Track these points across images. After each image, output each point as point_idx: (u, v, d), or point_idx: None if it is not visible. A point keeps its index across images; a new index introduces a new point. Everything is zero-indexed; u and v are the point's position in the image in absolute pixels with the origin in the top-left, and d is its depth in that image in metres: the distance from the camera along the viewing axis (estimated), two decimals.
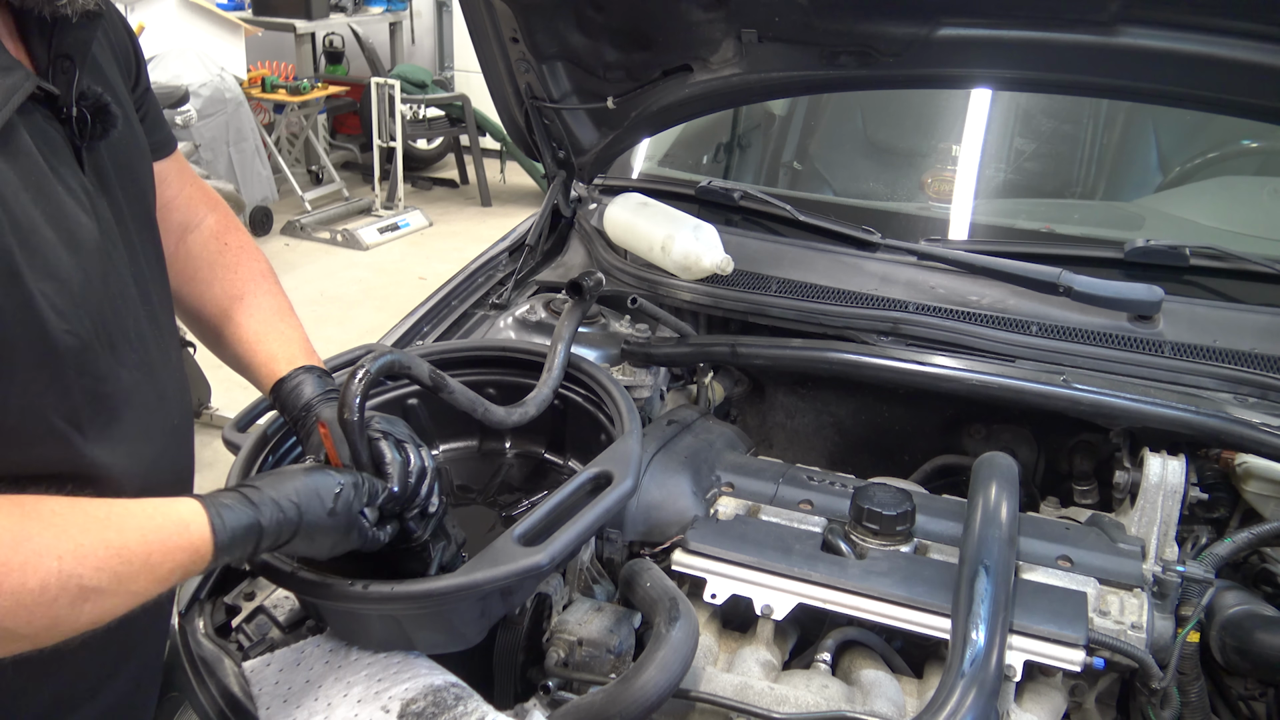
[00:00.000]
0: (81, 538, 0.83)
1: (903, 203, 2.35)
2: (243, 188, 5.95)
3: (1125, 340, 1.77)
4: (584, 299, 1.66)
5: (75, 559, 0.82)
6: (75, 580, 0.82)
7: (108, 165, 1.03)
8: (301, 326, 1.33)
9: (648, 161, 2.49)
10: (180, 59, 5.76)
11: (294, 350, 1.28)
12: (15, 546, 0.80)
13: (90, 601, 0.84)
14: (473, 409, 1.36)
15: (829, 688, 1.31)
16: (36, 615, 0.80)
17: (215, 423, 4.06)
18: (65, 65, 0.96)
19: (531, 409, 1.44)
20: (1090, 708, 1.39)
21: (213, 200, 1.36)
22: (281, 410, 1.27)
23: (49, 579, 0.80)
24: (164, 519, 0.91)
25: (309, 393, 1.23)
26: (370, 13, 7.74)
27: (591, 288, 1.66)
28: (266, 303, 1.32)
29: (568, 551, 1.14)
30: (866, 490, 1.48)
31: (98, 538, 0.85)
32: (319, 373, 1.27)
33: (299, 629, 1.37)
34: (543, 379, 1.50)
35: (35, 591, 0.79)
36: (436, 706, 1.12)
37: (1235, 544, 1.47)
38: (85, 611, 0.84)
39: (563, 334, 1.57)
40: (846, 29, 1.78)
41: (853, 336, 1.85)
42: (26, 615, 0.80)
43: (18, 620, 0.80)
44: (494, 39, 2.04)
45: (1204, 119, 2.37)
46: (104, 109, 0.99)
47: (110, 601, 0.86)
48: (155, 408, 1.06)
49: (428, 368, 1.29)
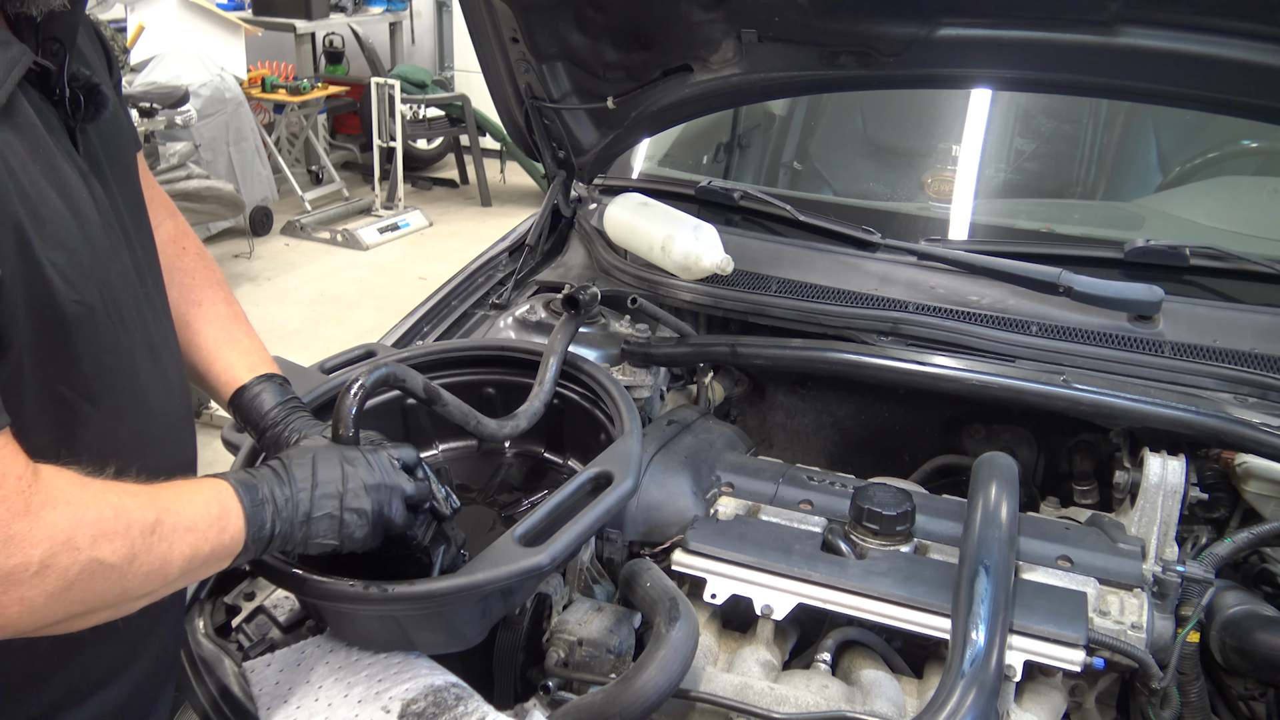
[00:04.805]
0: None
1: (903, 203, 2.35)
2: (243, 188, 5.94)
3: (1125, 340, 1.77)
4: (579, 313, 1.63)
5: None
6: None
7: (98, 148, 1.03)
8: (257, 335, 1.33)
9: (648, 161, 2.49)
10: (180, 59, 5.75)
11: (253, 359, 1.28)
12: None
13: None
14: (465, 422, 1.36)
15: (829, 688, 1.31)
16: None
17: (215, 423, 4.05)
18: (54, 48, 0.96)
19: (523, 422, 1.44)
20: (1090, 708, 1.39)
21: (170, 206, 1.35)
22: (242, 419, 1.27)
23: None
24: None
25: (269, 402, 1.24)
26: (370, 13, 7.74)
27: (587, 301, 1.63)
28: (223, 311, 1.31)
29: (568, 552, 1.14)
30: (866, 490, 1.48)
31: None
32: (279, 381, 1.27)
33: (299, 629, 1.37)
34: (534, 392, 1.49)
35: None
36: (437, 707, 1.12)
37: (1235, 544, 1.47)
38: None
39: (555, 347, 1.55)
40: (846, 29, 1.78)
41: (853, 336, 1.85)
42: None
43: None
44: (494, 39, 2.04)
45: (1204, 119, 2.37)
46: (95, 90, 1.00)
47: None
48: (160, 388, 1.06)
49: (422, 380, 1.29)
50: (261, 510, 1.00)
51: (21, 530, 0.78)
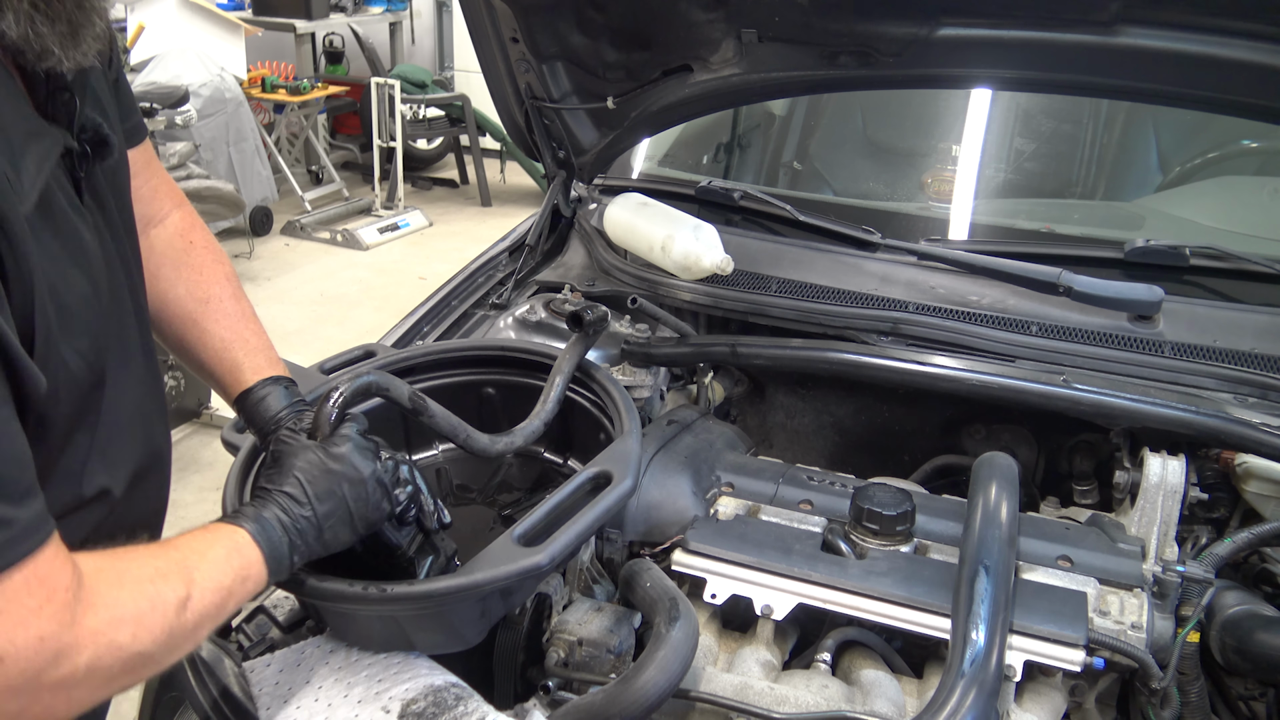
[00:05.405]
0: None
1: (903, 203, 2.35)
2: (243, 188, 5.94)
3: (1125, 340, 1.77)
4: (586, 334, 1.56)
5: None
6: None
7: (101, 184, 1.04)
8: (265, 333, 1.32)
9: (648, 161, 2.49)
10: (180, 59, 5.75)
11: (259, 360, 1.27)
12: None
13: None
14: (454, 435, 1.31)
15: (829, 688, 1.31)
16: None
17: (215, 423, 4.06)
18: (65, 98, 0.97)
19: (518, 440, 1.38)
20: (1090, 708, 1.39)
21: (178, 195, 1.33)
22: (248, 422, 1.26)
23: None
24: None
25: (275, 406, 1.23)
26: (370, 13, 7.74)
27: (594, 321, 1.56)
28: (231, 308, 1.30)
29: (567, 551, 1.14)
30: (866, 490, 1.47)
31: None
32: (286, 383, 1.27)
33: (299, 629, 1.37)
34: (536, 410, 1.44)
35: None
36: (437, 707, 1.12)
37: (1235, 544, 1.47)
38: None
39: (562, 368, 1.50)
40: (846, 29, 1.78)
41: (853, 336, 1.85)
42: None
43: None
44: (494, 39, 2.04)
45: (1204, 119, 2.37)
46: (103, 142, 1.01)
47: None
48: (136, 391, 1.09)
49: (407, 390, 1.25)
50: (279, 548, 1.02)
51: (69, 641, 0.81)
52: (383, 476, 1.12)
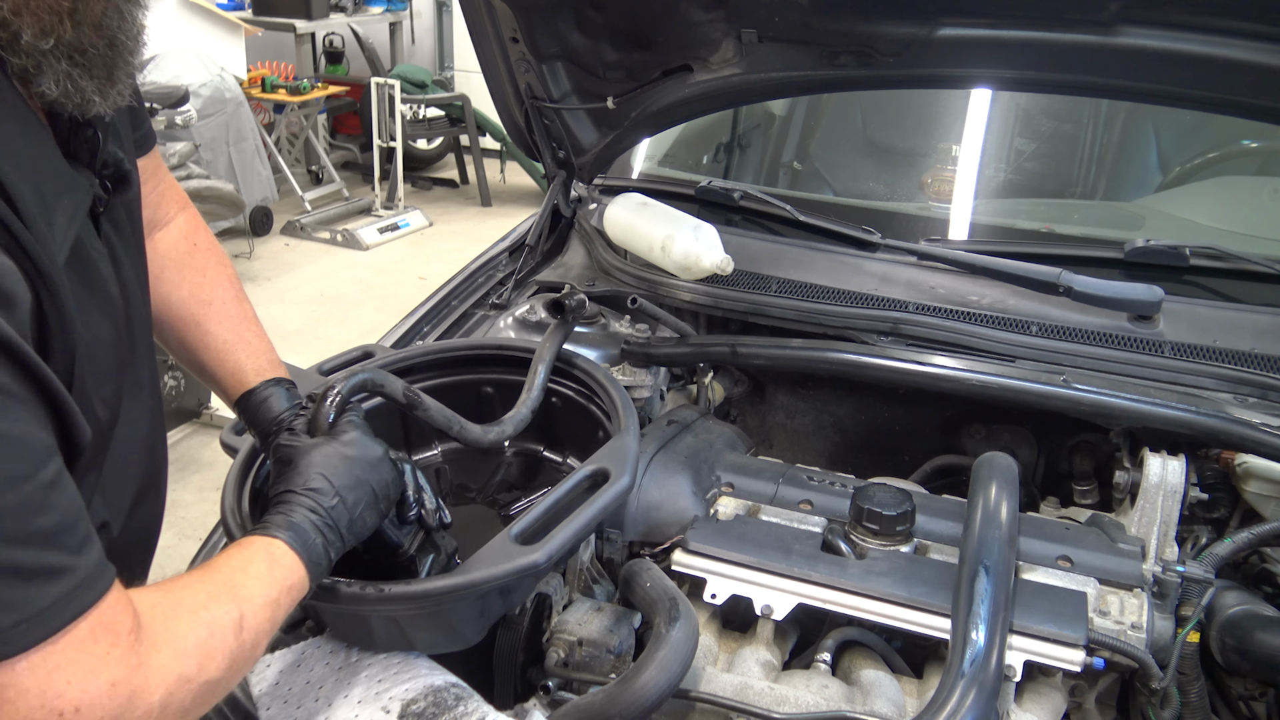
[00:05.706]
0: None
1: (903, 203, 2.34)
2: (243, 188, 5.94)
3: (1125, 340, 1.77)
4: (566, 320, 1.59)
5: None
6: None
7: (120, 217, 1.05)
8: (266, 335, 1.33)
9: (648, 161, 2.49)
10: (180, 59, 5.75)
11: (261, 362, 1.28)
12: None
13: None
14: (448, 427, 1.33)
15: (829, 688, 1.31)
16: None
17: (215, 423, 4.06)
18: (89, 134, 0.97)
19: (509, 428, 1.40)
20: (1090, 708, 1.39)
21: (183, 199, 1.34)
22: (249, 423, 1.27)
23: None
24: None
25: (278, 407, 1.24)
26: (370, 13, 7.74)
27: (574, 307, 1.59)
28: (233, 310, 1.31)
29: (565, 549, 1.14)
30: (866, 490, 1.47)
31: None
32: (288, 385, 1.27)
33: (299, 629, 1.36)
34: (522, 399, 1.46)
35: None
36: (437, 707, 1.12)
37: (1235, 544, 1.47)
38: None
39: (544, 355, 1.52)
40: (846, 29, 1.77)
41: (853, 336, 1.85)
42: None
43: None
44: (494, 39, 2.04)
45: (1204, 119, 2.37)
46: (124, 178, 1.02)
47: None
48: (143, 457, 1.10)
49: (401, 386, 1.27)
50: (315, 549, 1.02)
51: (139, 683, 0.81)
52: (392, 454, 1.14)
